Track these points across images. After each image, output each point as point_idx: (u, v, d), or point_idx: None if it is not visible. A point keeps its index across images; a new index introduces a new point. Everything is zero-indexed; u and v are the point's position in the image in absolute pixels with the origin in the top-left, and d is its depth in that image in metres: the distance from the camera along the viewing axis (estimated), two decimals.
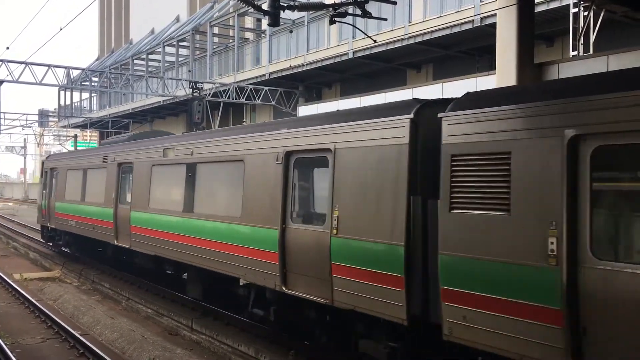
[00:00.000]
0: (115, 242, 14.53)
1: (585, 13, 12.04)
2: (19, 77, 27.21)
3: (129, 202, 13.91)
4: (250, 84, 31.68)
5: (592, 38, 11.89)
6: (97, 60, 65.42)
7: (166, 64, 42.17)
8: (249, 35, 36.73)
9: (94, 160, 16.59)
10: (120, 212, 14.37)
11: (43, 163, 22.01)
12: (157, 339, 10.56)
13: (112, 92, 44.03)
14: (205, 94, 30.61)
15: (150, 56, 44.69)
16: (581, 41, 11.95)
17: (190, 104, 27.40)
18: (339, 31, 26.18)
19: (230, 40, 36.90)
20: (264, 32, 33.08)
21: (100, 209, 15.48)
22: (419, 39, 22.31)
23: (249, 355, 9.68)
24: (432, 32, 21.63)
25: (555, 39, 19.83)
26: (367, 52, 24.67)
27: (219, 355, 10.15)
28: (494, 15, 12.81)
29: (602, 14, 11.93)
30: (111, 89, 38.37)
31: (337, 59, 26.46)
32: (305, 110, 24.76)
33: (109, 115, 48.95)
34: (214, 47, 37.74)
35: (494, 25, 11.96)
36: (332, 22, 10.72)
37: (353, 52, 25.36)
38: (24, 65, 27.34)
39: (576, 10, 12.24)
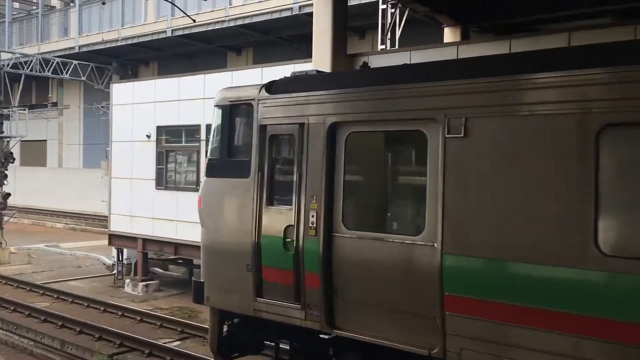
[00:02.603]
0: None
1: (392, 10, 12.95)
2: None
3: None
4: (57, 56, 29.24)
5: (397, 33, 12.84)
6: None
7: None
8: (55, 3, 33.83)
9: None
10: None
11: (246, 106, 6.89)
12: None
13: None
14: (3, 65, 27.64)
15: None
16: (388, 36, 12.82)
17: None
18: (157, 7, 25.27)
19: (34, 7, 33.70)
20: (73, 1, 30.71)
21: None
22: (239, 22, 22.35)
23: (54, 348, 9.08)
24: (252, 16, 21.77)
25: (366, 32, 21.16)
26: (186, 32, 24.12)
27: (20, 349, 9.37)
28: (312, 4, 13.26)
29: (406, 12, 12.93)
30: None
31: (155, 37, 25.53)
32: (120, 88, 23.39)
33: None
34: (14, 12, 34.20)
35: (311, 14, 12.37)
36: None
37: (172, 31, 24.64)
38: None
39: (385, 7, 13.10)
